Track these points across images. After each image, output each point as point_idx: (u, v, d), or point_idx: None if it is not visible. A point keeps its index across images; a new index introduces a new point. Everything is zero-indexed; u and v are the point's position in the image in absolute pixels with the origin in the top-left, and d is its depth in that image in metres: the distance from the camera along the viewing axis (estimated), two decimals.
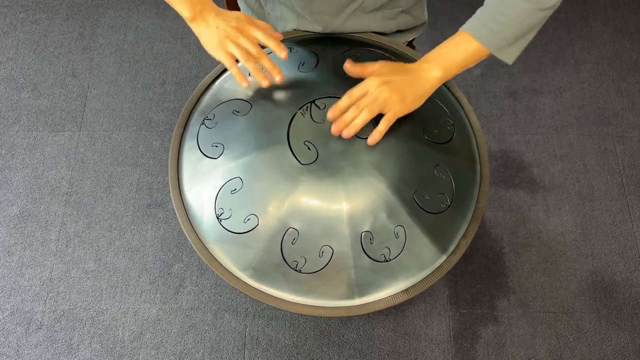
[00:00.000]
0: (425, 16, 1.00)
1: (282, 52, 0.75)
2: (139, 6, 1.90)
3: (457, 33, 0.75)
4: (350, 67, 0.75)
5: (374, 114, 0.72)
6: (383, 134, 0.73)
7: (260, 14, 0.99)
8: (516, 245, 1.53)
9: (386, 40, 0.92)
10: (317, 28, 0.91)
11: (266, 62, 0.76)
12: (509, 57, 0.75)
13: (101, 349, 1.40)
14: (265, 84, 0.75)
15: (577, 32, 1.86)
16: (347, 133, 0.72)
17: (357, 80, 0.75)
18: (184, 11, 0.76)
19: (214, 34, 0.75)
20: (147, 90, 1.75)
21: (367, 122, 0.72)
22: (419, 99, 0.74)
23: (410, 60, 0.86)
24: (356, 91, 0.72)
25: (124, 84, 1.76)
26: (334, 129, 0.72)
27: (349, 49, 0.88)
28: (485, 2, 0.74)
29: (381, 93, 0.71)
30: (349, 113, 0.72)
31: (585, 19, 1.88)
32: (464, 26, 0.74)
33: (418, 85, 0.73)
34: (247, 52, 0.75)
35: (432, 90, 0.75)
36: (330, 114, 0.73)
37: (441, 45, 0.75)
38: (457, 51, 0.73)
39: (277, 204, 0.72)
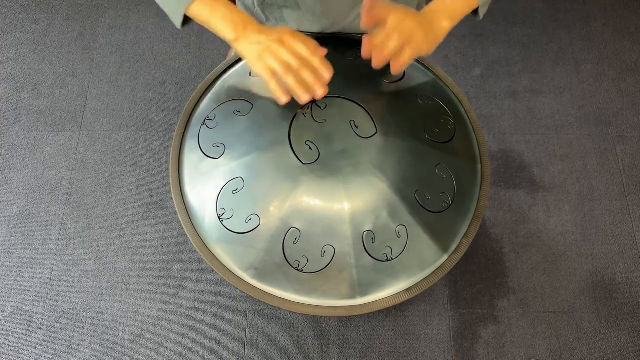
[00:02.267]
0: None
1: (326, 72, 0.71)
2: (139, 6, 1.90)
3: None
4: (369, 3, 0.72)
5: (402, 43, 0.71)
6: (406, 65, 0.72)
7: (259, 17, 0.98)
8: (516, 245, 1.53)
9: None
10: (316, 28, 0.91)
11: (308, 76, 0.70)
12: (482, 13, 0.80)
13: (101, 349, 1.40)
14: (305, 98, 0.70)
15: (577, 32, 1.86)
16: (377, 62, 0.71)
17: (358, 80, 0.74)
18: (226, 33, 0.72)
19: (255, 49, 0.71)
20: (147, 90, 1.75)
21: (396, 50, 0.71)
22: (433, 43, 0.75)
23: None
24: (385, 10, 0.72)
25: (124, 84, 1.76)
26: (364, 53, 0.72)
27: (349, 49, 0.88)
28: None
29: (409, 24, 0.71)
30: (379, 37, 0.71)
31: (585, 19, 1.89)
32: None
33: (433, 30, 0.75)
34: (287, 65, 0.70)
35: (442, 39, 0.76)
36: (364, 50, 0.72)
37: None
38: (458, 2, 0.77)
39: (279, 203, 0.72)
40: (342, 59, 0.86)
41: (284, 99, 0.70)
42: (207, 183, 0.77)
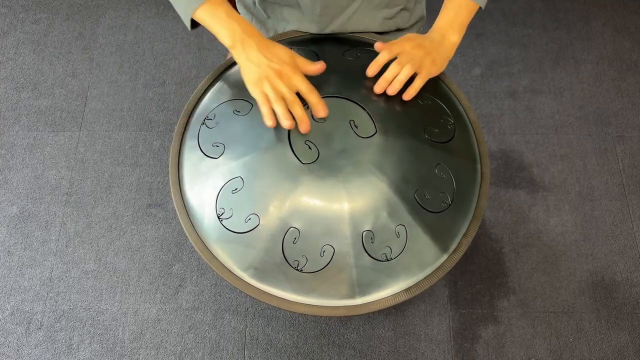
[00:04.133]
0: (423, 12, 1.01)
1: (319, 112, 0.74)
2: (139, 6, 1.90)
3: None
4: (380, 45, 0.80)
5: (414, 71, 0.77)
6: (417, 91, 0.78)
7: (259, 16, 0.99)
8: (516, 245, 1.53)
9: (385, 39, 0.92)
10: (315, 27, 0.91)
11: (298, 110, 0.73)
12: (484, 2, 0.84)
13: (101, 349, 1.40)
14: (286, 124, 0.72)
15: (577, 32, 1.86)
16: (393, 90, 0.77)
17: (357, 80, 0.75)
18: (223, 39, 0.75)
19: (254, 71, 0.73)
20: (147, 90, 1.75)
21: (409, 76, 0.77)
22: (444, 62, 0.82)
23: None
24: (395, 48, 0.78)
25: (124, 84, 1.76)
26: (377, 88, 0.77)
27: (349, 49, 0.88)
28: None
29: (418, 53, 0.78)
30: (391, 70, 0.77)
31: (585, 19, 1.89)
32: None
33: (442, 50, 0.81)
34: (279, 95, 0.73)
35: (452, 54, 0.82)
36: (370, 70, 0.78)
37: (445, 11, 0.83)
38: (462, 14, 0.81)
39: (278, 203, 0.72)
40: (342, 59, 0.86)
41: (270, 123, 0.73)
42: (207, 183, 0.77)
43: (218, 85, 0.87)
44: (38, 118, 1.70)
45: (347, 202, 0.72)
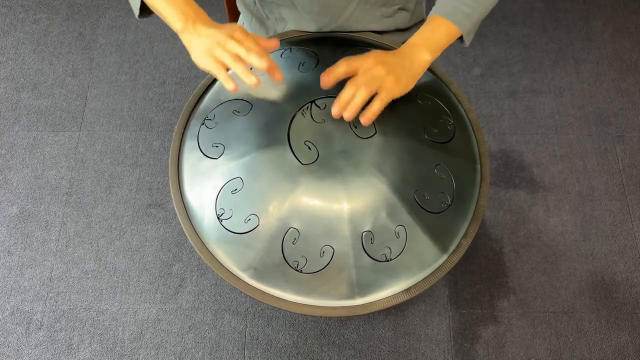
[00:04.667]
0: (423, 13, 1.00)
1: (275, 75, 0.69)
2: None
3: (432, 17, 0.78)
4: (326, 79, 0.72)
5: (372, 93, 0.70)
6: (377, 115, 0.71)
7: (258, 16, 0.99)
8: (516, 245, 1.53)
9: (386, 40, 0.92)
10: (314, 27, 0.91)
11: (261, 64, 0.68)
12: (469, 40, 0.81)
13: (101, 349, 1.40)
14: (253, 81, 0.67)
15: (577, 32, 1.86)
16: (348, 115, 0.70)
17: None
18: (175, 23, 0.71)
19: (204, 42, 0.69)
20: (147, 90, 1.75)
21: (365, 101, 0.70)
22: (412, 80, 0.75)
23: None
24: (354, 62, 0.72)
25: (124, 84, 1.76)
26: (334, 111, 0.70)
27: (348, 49, 0.88)
28: None
29: (378, 72, 0.71)
30: (346, 91, 0.70)
31: (585, 19, 1.89)
32: (436, 10, 0.78)
33: (410, 67, 0.75)
34: (236, 55, 0.68)
35: (422, 73, 0.77)
36: (323, 81, 0.71)
37: (422, 29, 0.77)
38: (439, 34, 0.76)
39: (278, 203, 0.72)
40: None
41: (231, 86, 0.68)
42: (207, 183, 0.77)
43: (218, 85, 0.87)
44: (38, 118, 1.70)
45: (347, 202, 0.72)
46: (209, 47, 0.69)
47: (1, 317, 1.44)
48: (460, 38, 0.80)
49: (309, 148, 0.74)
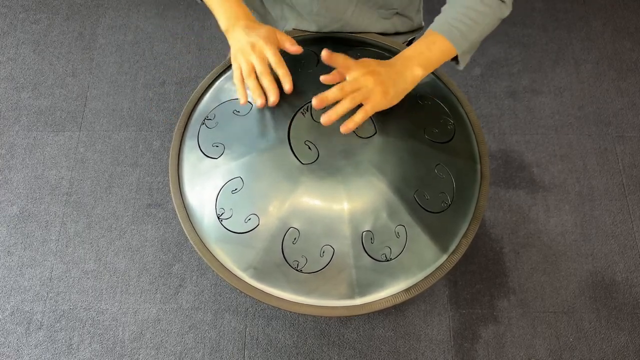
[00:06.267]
0: (420, 21, 1.01)
1: (286, 84, 0.73)
2: (139, 6, 1.90)
3: (428, 32, 0.77)
4: (326, 56, 0.71)
5: (356, 104, 0.69)
6: (357, 125, 0.69)
7: (261, 12, 0.99)
8: (516, 245, 1.53)
9: (386, 40, 0.92)
10: (315, 27, 0.91)
11: (265, 81, 0.73)
12: (464, 62, 0.80)
13: (101, 349, 1.40)
14: (258, 102, 0.73)
15: (577, 32, 1.86)
16: (326, 120, 0.68)
17: None
18: (221, 23, 0.78)
19: (235, 46, 0.75)
20: (147, 90, 1.75)
21: (347, 110, 0.69)
22: (400, 94, 0.74)
23: None
24: (350, 62, 0.71)
25: (124, 84, 1.76)
26: (315, 103, 0.68)
27: (349, 49, 0.88)
28: (450, 5, 0.78)
29: (366, 82, 0.70)
30: (332, 91, 0.68)
31: (585, 19, 1.89)
32: (434, 26, 0.77)
33: (401, 81, 0.73)
34: (251, 68, 0.73)
35: (412, 87, 0.75)
36: (315, 101, 0.68)
37: (417, 43, 0.76)
38: (434, 50, 0.75)
39: (278, 203, 0.72)
40: None
41: (242, 100, 0.74)
42: (207, 183, 0.77)
43: (218, 85, 0.87)
44: (38, 118, 1.70)
45: (347, 202, 0.71)
46: (235, 53, 0.75)
47: (1, 317, 1.44)
48: (455, 58, 0.79)
49: (309, 148, 0.74)
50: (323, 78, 0.72)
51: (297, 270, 0.72)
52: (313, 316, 1.42)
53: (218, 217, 0.74)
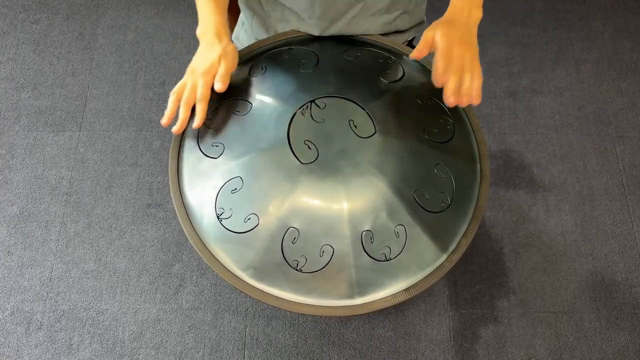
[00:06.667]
0: (423, 16, 1.01)
1: (195, 121, 0.79)
2: (139, 6, 1.91)
3: None
4: (418, 55, 0.77)
5: (460, 76, 0.74)
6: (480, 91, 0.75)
7: (260, 15, 0.98)
8: (516, 245, 1.53)
9: (386, 40, 0.92)
10: (316, 30, 0.91)
11: (181, 112, 0.81)
12: None
13: (101, 349, 1.40)
14: (174, 129, 0.80)
15: (577, 32, 1.86)
16: (467, 100, 0.74)
17: (357, 80, 0.74)
18: (199, 26, 0.86)
19: (197, 57, 0.83)
20: (147, 90, 1.75)
21: (459, 82, 0.74)
22: (476, 40, 0.78)
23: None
24: (430, 36, 0.76)
25: (124, 84, 1.76)
26: (451, 101, 0.75)
27: (349, 49, 0.88)
28: None
29: (465, 54, 0.74)
30: (451, 80, 0.74)
31: (585, 19, 1.89)
32: None
33: (473, 29, 0.78)
34: (181, 92, 0.82)
35: (476, 30, 0.79)
36: (437, 82, 0.75)
37: None
38: None
39: (278, 203, 0.72)
40: (342, 59, 0.86)
41: (163, 120, 0.81)
42: (206, 183, 0.77)
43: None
44: (38, 118, 1.70)
45: (347, 202, 0.71)
46: (194, 65, 0.81)
47: (1, 317, 1.44)
48: None
49: (309, 147, 0.74)
50: (412, 55, 0.78)
51: (296, 270, 0.72)
52: (313, 316, 1.42)
53: (218, 217, 0.74)
